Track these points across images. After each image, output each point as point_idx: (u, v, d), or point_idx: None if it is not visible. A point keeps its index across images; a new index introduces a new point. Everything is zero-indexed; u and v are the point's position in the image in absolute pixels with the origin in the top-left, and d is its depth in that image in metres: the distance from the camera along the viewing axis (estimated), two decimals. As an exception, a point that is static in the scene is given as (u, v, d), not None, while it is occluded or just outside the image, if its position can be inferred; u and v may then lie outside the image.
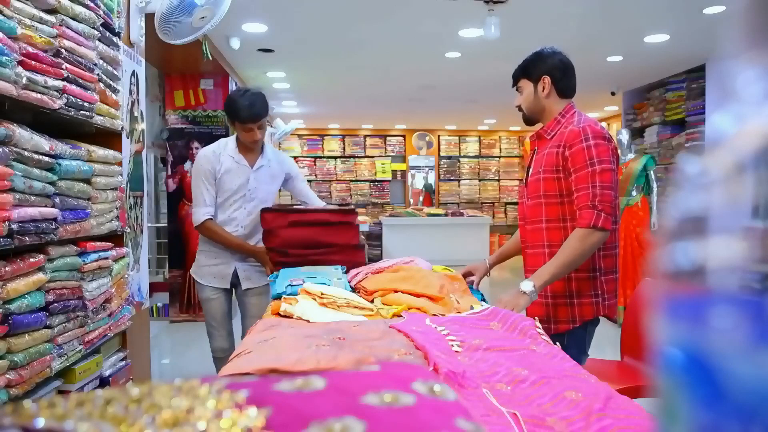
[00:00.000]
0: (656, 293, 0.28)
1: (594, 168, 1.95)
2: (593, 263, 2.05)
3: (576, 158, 1.98)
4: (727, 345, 0.24)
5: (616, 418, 1.04)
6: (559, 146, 2.04)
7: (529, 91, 2.15)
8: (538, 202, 2.10)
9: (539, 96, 2.14)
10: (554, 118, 2.13)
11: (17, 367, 1.69)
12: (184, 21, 2.86)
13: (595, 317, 2.10)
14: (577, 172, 1.98)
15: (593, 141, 1.97)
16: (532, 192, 2.13)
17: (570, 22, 4.89)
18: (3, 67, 1.59)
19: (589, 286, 2.06)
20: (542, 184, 2.08)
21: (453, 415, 0.46)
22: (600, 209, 1.93)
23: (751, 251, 0.24)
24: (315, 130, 12.22)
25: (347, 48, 5.72)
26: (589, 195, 1.95)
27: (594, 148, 1.96)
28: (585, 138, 1.98)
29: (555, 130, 2.11)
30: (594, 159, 1.95)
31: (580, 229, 1.95)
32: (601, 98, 8.46)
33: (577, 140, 1.99)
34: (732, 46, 0.27)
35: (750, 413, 0.24)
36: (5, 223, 1.61)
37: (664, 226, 0.28)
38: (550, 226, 2.07)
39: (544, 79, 2.13)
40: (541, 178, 2.08)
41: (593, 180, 1.95)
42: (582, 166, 1.97)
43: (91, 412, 0.41)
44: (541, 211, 2.09)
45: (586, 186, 1.96)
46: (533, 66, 2.15)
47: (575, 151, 1.98)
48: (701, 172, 0.27)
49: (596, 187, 1.94)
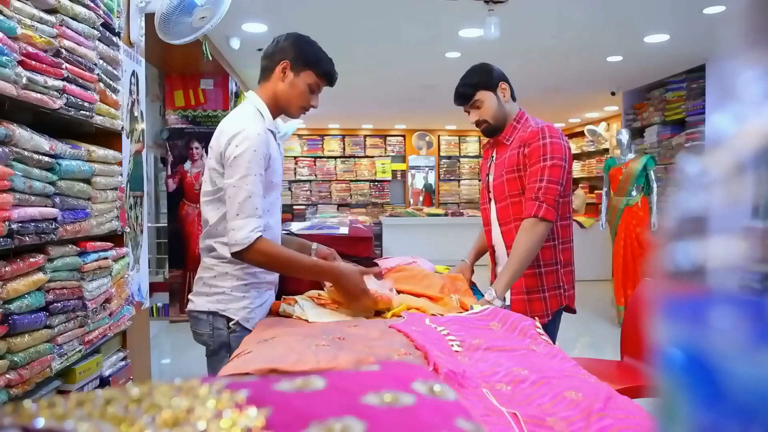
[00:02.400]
0: (656, 293, 0.28)
1: (545, 163, 2.06)
2: (554, 256, 2.17)
3: (532, 154, 2.09)
4: (727, 345, 0.24)
5: (616, 418, 1.04)
6: (520, 146, 2.14)
7: (492, 101, 2.19)
8: (506, 203, 2.18)
9: (502, 103, 2.20)
10: (510, 124, 2.21)
11: (17, 367, 1.69)
12: (184, 21, 2.86)
13: (560, 308, 2.21)
14: (531, 166, 2.09)
15: (549, 139, 2.08)
16: (499, 194, 2.21)
17: (570, 22, 4.90)
18: (3, 67, 1.59)
19: (553, 279, 2.17)
20: (506, 185, 2.17)
21: (453, 415, 0.46)
22: (542, 201, 2.03)
23: (751, 251, 0.24)
24: (315, 130, 12.22)
25: (347, 48, 5.72)
26: (534, 188, 2.05)
27: (549, 146, 2.07)
28: (542, 136, 2.09)
29: (513, 135, 2.20)
30: (547, 155, 2.06)
31: (525, 220, 2.05)
32: (601, 98, 8.46)
33: (535, 138, 2.09)
34: (732, 46, 0.27)
35: (750, 413, 0.24)
36: (5, 223, 1.61)
37: (665, 226, 0.28)
38: (519, 224, 2.11)
39: (502, 84, 2.20)
40: (505, 179, 2.17)
41: (542, 174, 2.05)
42: (536, 161, 2.08)
43: (91, 412, 0.41)
44: (509, 211, 2.17)
45: (535, 180, 2.06)
46: (487, 76, 2.20)
47: (533, 148, 2.09)
48: (701, 172, 0.27)
49: (543, 181, 2.04)
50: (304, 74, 1.88)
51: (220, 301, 1.86)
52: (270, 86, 1.91)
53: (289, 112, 1.95)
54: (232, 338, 1.85)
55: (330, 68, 1.92)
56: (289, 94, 1.89)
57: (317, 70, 1.89)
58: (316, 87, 1.91)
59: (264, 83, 1.93)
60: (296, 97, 1.90)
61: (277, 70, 1.89)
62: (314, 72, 1.89)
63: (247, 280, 1.86)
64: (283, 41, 1.91)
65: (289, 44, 1.90)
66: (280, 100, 1.91)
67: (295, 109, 1.94)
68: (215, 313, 1.86)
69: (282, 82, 1.89)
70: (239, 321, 1.85)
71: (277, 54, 1.89)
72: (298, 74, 1.88)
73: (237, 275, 1.86)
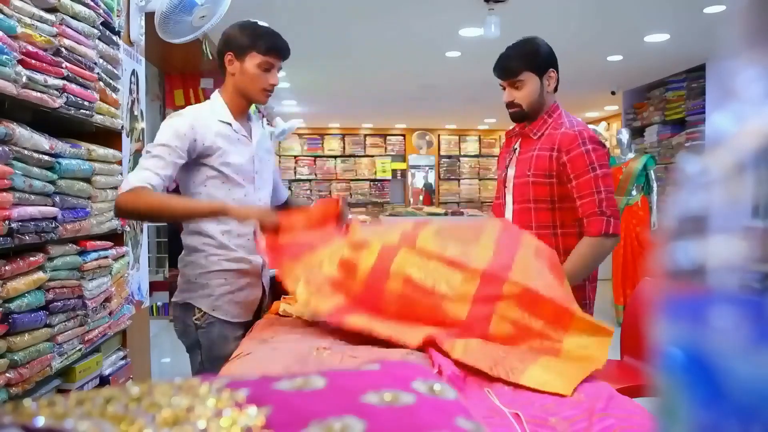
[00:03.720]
0: (656, 293, 0.28)
1: (596, 173, 1.87)
2: None
3: (576, 164, 1.89)
4: (727, 345, 0.24)
5: (618, 418, 1.04)
6: (551, 150, 1.93)
7: (535, 86, 1.98)
8: (527, 207, 1.98)
9: (544, 92, 1.99)
10: (541, 117, 2.01)
11: (17, 366, 1.69)
12: (184, 20, 2.86)
13: None
14: (579, 178, 1.89)
15: (591, 146, 1.90)
16: (520, 196, 2.00)
17: (570, 21, 4.89)
18: (3, 66, 1.59)
19: (583, 296, 1.99)
20: (531, 189, 1.96)
21: (453, 414, 0.46)
22: (609, 215, 1.85)
23: (751, 251, 0.24)
24: (315, 129, 12.22)
25: (347, 47, 5.72)
26: (595, 201, 1.86)
27: (593, 153, 1.89)
28: (582, 142, 1.89)
29: (542, 130, 1.99)
30: (595, 164, 1.88)
31: (591, 238, 1.86)
32: (601, 98, 8.45)
33: (574, 145, 1.90)
34: (732, 46, 0.27)
35: (750, 413, 0.24)
36: (5, 222, 1.61)
37: (665, 225, 0.28)
38: (541, 233, 1.92)
39: (551, 72, 2.00)
40: (530, 182, 1.96)
41: (597, 185, 1.87)
42: (583, 171, 1.88)
43: (91, 411, 0.41)
44: (531, 217, 1.97)
45: (591, 192, 1.87)
46: (539, 58, 1.99)
47: (574, 156, 1.89)
48: (701, 172, 0.27)
49: (601, 193, 1.86)
50: (249, 57, 1.87)
51: (188, 290, 1.87)
52: (228, 82, 1.93)
53: (253, 99, 1.95)
54: (200, 334, 1.85)
55: (272, 42, 1.89)
56: (244, 81, 1.89)
57: (259, 48, 1.87)
58: (268, 65, 1.89)
59: (225, 82, 1.95)
60: (251, 81, 1.89)
61: (227, 63, 1.90)
62: (257, 51, 1.87)
63: (210, 268, 1.85)
64: (225, 35, 1.93)
65: (228, 34, 1.92)
66: (239, 89, 1.91)
67: (255, 94, 1.92)
68: (186, 304, 1.87)
69: (234, 74, 1.90)
70: (205, 310, 1.84)
71: (222, 49, 1.91)
72: (243, 59, 1.88)
73: (200, 263, 1.86)
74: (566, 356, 1.34)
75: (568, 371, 1.25)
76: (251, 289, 1.93)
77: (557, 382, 1.20)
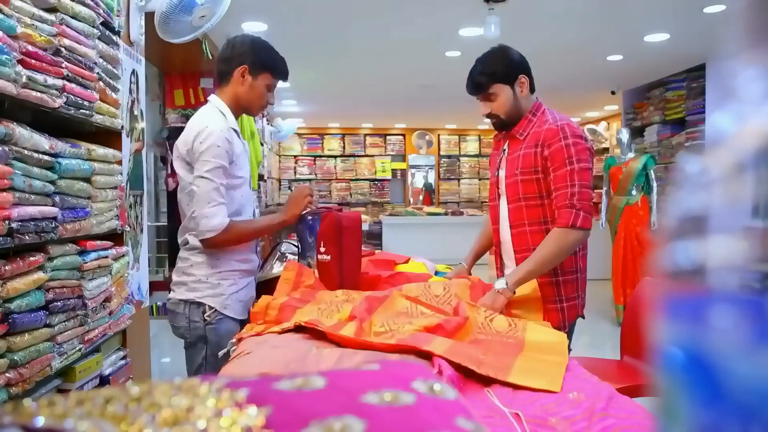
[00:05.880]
0: (656, 293, 0.28)
1: (573, 167, 1.91)
2: (575, 264, 2.03)
3: (555, 157, 1.93)
4: (727, 345, 0.24)
5: (618, 418, 1.04)
6: (536, 146, 1.98)
7: (507, 95, 2.02)
8: (519, 205, 2.04)
9: (518, 98, 2.04)
10: (525, 117, 2.05)
11: (17, 366, 1.69)
12: (184, 20, 2.86)
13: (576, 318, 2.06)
14: (556, 170, 1.93)
15: (572, 140, 1.93)
16: (512, 195, 2.06)
17: (570, 21, 4.89)
18: (3, 66, 1.59)
19: (573, 288, 2.03)
20: (521, 186, 2.02)
21: (453, 414, 0.46)
22: (579, 208, 1.89)
23: (751, 251, 0.24)
24: (315, 129, 12.22)
25: (347, 47, 5.72)
26: (567, 194, 1.90)
27: (572, 147, 1.92)
28: (563, 137, 1.93)
29: (528, 129, 2.04)
30: (573, 158, 1.91)
31: (559, 229, 1.90)
32: (601, 97, 8.46)
33: (555, 139, 1.94)
34: (732, 46, 0.27)
35: (750, 413, 0.24)
36: (5, 222, 1.61)
37: (665, 225, 0.28)
38: (533, 229, 2.01)
39: (521, 78, 2.03)
40: (519, 180, 2.02)
41: (572, 179, 1.90)
42: (560, 164, 1.92)
43: (91, 411, 0.41)
44: (523, 214, 2.03)
45: (565, 185, 1.91)
46: (506, 67, 2.03)
47: (554, 150, 1.93)
48: (701, 172, 0.27)
49: (575, 186, 1.90)
50: (262, 77, 2.01)
51: (196, 289, 1.96)
52: (230, 89, 2.02)
53: (250, 112, 2.11)
54: (208, 330, 1.93)
55: (286, 69, 2.07)
56: (250, 95, 2.02)
57: (275, 72, 2.03)
58: (273, 86, 2.06)
59: (224, 86, 2.03)
60: (257, 98, 2.03)
61: (236, 74, 1.99)
62: (272, 74, 2.02)
63: (221, 269, 1.97)
64: (240, 46, 2.01)
65: (246, 49, 2.01)
66: (241, 101, 2.02)
67: (256, 108, 2.08)
68: (191, 302, 1.95)
69: (242, 86, 2.00)
70: (216, 308, 1.94)
71: (234, 59, 2.00)
72: (257, 77, 2.00)
73: (211, 264, 1.96)
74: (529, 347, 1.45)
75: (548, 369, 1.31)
76: (250, 288, 2.07)
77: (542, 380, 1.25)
